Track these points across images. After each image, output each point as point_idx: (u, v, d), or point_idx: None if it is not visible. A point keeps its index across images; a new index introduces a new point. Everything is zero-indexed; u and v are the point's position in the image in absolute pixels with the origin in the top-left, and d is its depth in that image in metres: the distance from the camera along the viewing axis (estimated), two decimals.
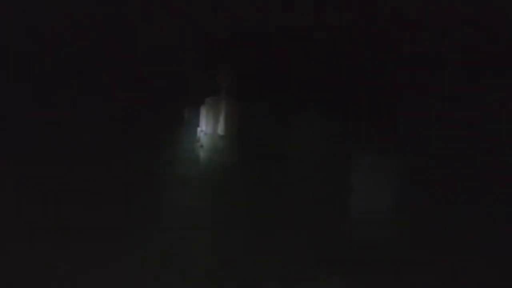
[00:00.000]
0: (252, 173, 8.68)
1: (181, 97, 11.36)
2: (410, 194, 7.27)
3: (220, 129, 10.11)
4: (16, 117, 10.98)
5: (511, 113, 6.55)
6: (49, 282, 4.16)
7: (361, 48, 7.44)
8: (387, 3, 7.49)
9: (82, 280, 4.21)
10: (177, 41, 10.35)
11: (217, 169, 9.04)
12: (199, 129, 11.17)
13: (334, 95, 7.86)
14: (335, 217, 6.66)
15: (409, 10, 7.23)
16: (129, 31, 10.34)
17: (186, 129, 11.14)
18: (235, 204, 7.10)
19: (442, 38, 6.74)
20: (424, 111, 6.94)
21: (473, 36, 6.54)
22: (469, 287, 4.51)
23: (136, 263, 4.66)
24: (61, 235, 5.41)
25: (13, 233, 5.40)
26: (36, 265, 4.54)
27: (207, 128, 10.46)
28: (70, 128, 10.92)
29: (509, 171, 6.78)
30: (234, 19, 8.72)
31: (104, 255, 4.83)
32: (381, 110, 7.13)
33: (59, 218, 6.10)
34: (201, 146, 10.56)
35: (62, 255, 4.79)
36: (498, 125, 6.49)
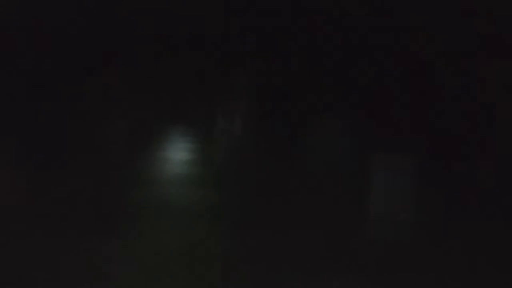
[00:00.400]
0: (270, 172, 8.69)
1: (201, 98, 11.35)
2: (428, 195, 7.26)
3: (239, 129, 10.13)
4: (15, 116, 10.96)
5: None
6: (47, 280, 4.20)
7: (376, 51, 7.49)
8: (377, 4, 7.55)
9: (82, 277, 4.24)
10: (198, 42, 10.33)
11: (234, 167, 9.05)
12: (217, 128, 11.21)
13: (352, 96, 7.89)
14: (353, 217, 6.64)
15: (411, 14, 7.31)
16: (148, 31, 10.31)
17: (205, 129, 11.15)
18: (253, 203, 7.12)
19: (457, 40, 6.80)
20: (443, 112, 6.97)
21: (486, 37, 6.60)
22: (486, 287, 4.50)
23: (142, 260, 4.68)
24: (65, 232, 5.40)
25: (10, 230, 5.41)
26: (33, 261, 4.57)
27: (226, 128, 10.48)
28: (75, 126, 10.90)
29: None
30: (252, 22, 8.75)
31: (107, 252, 4.86)
32: (400, 111, 7.13)
33: (61, 216, 6.10)
34: (220, 145, 10.63)
35: (63, 253, 4.83)
36: None
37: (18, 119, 10.21)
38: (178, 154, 10.06)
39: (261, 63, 8.95)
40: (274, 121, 8.92)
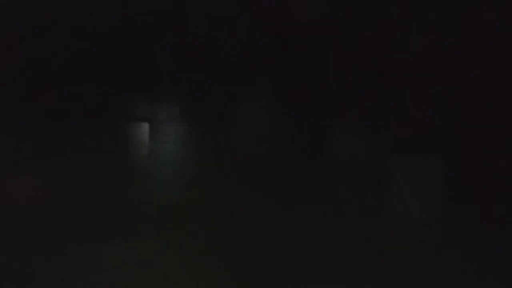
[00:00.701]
0: (289, 175, 8.71)
1: (213, 97, 11.31)
2: (451, 197, 7.25)
3: (254, 130, 10.13)
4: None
5: None
6: (44, 282, 4.24)
7: (398, 50, 7.54)
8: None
9: (77, 281, 4.30)
10: (212, 41, 10.32)
11: (252, 170, 9.03)
12: (230, 129, 11.13)
13: (371, 96, 7.87)
14: (375, 220, 6.64)
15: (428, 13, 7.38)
16: (174, 30, 10.27)
17: (219, 130, 11.05)
18: (272, 206, 7.14)
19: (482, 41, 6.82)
20: (464, 112, 6.98)
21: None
22: None
23: (136, 263, 4.62)
24: (62, 234, 5.45)
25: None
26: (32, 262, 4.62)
27: (239, 129, 10.47)
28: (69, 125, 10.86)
29: None
30: (268, 20, 8.80)
31: (98, 255, 4.93)
32: (422, 111, 7.07)
33: (58, 216, 6.14)
34: (233, 147, 10.59)
35: (61, 254, 4.86)
36: None
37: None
38: (185, 153, 10.10)
39: (276, 60, 8.95)
40: (291, 120, 8.87)
